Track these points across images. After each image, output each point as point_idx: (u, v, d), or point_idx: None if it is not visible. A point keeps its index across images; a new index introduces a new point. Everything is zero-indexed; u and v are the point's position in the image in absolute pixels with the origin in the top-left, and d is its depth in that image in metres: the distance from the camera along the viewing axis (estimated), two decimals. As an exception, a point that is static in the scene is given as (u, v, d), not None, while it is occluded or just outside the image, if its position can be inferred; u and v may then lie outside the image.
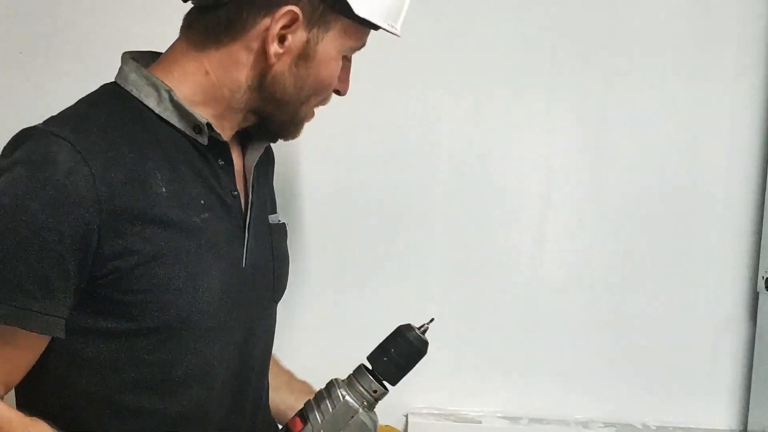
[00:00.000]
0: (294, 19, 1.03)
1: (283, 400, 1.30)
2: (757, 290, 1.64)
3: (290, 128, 1.13)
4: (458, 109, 1.63)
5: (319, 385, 1.14)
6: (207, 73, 1.06)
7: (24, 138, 0.98)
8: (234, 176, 1.10)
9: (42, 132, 0.97)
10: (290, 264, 1.26)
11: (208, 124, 1.05)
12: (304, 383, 1.35)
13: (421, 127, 1.63)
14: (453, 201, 1.65)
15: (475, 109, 1.64)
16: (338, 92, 1.13)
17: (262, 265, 1.15)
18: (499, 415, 1.68)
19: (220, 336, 1.07)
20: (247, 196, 1.13)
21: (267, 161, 1.26)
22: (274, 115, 1.10)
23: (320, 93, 1.10)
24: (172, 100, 1.04)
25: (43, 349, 1.00)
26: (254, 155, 1.15)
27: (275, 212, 1.25)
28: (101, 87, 1.08)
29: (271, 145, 1.25)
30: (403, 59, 1.57)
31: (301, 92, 1.08)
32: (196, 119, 1.04)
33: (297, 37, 1.04)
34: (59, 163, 0.94)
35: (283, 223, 1.24)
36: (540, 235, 1.66)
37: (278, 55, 1.04)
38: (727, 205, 1.67)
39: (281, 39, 1.04)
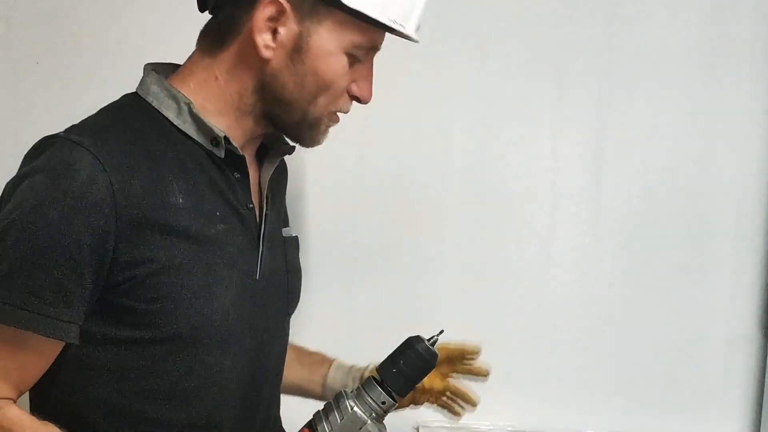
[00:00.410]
0: (280, 10, 1.02)
1: (296, 374, 1.31)
2: (770, 303, 1.64)
3: (306, 132, 1.10)
4: (469, 115, 1.65)
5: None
6: (216, 78, 1.07)
7: (45, 146, 1.00)
8: (249, 189, 1.11)
9: (63, 140, 0.99)
10: (302, 273, 1.26)
11: (225, 138, 1.06)
12: (316, 353, 1.36)
13: (432, 134, 1.64)
14: (463, 208, 1.66)
15: (485, 114, 1.65)
16: (358, 99, 1.10)
17: (276, 278, 1.16)
18: (509, 428, 1.69)
19: (232, 347, 1.08)
20: (262, 208, 1.14)
21: (281, 175, 1.27)
22: (283, 117, 1.08)
23: (326, 92, 1.06)
24: (191, 112, 1.05)
25: (57, 354, 1.01)
26: (270, 168, 1.16)
27: (288, 225, 1.27)
28: (123, 97, 1.09)
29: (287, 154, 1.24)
30: (414, 65, 1.58)
31: (303, 90, 1.05)
32: (214, 132, 1.05)
33: (288, 30, 1.03)
34: (79, 171, 0.95)
35: (296, 237, 1.25)
36: (549, 243, 1.67)
37: (270, 48, 1.03)
38: (740, 219, 1.67)
39: (274, 33, 1.03)
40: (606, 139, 1.66)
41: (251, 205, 1.11)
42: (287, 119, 1.08)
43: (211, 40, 1.07)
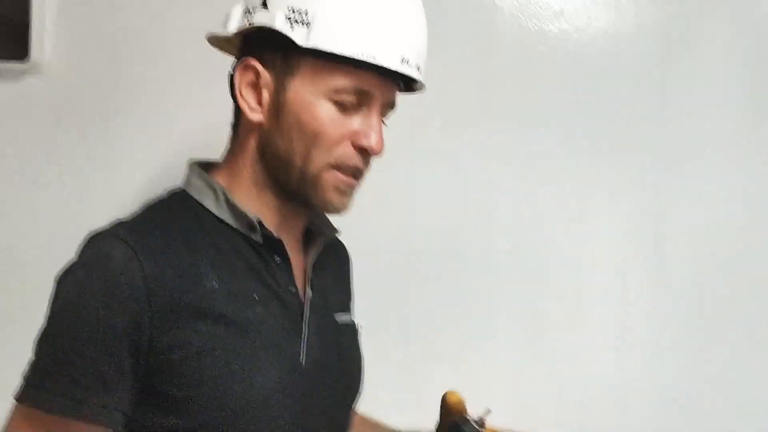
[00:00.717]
0: (256, 73, 1.07)
1: None
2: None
3: (311, 192, 1.07)
4: (517, 196, 1.64)
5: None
6: (237, 161, 1.11)
7: (90, 241, 1.04)
8: (292, 272, 1.11)
9: (105, 234, 1.04)
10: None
11: (259, 222, 1.08)
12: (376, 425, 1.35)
13: (479, 210, 1.64)
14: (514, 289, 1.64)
15: (535, 198, 1.64)
16: (365, 150, 1.07)
17: (327, 364, 1.14)
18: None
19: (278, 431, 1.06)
20: (305, 291, 1.14)
21: (337, 259, 1.28)
22: (288, 181, 1.08)
23: (316, 143, 1.05)
24: (227, 200, 1.09)
25: None
26: (313, 253, 1.16)
27: (347, 311, 1.25)
28: (168, 192, 1.14)
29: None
30: (463, 143, 1.61)
31: (293, 145, 1.06)
32: (248, 217, 1.08)
33: (268, 90, 1.07)
34: (114, 260, 0.99)
35: (352, 323, 1.24)
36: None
37: (255, 111, 1.07)
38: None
39: (259, 96, 1.07)
40: (660, 221, 1.65)
41: (294, 289, 1.11)
42: (290, 182, 1.08)
43: (232, 127, 1.13)
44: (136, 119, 1.59)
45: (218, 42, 1.17)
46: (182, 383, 1.00)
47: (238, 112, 1.11)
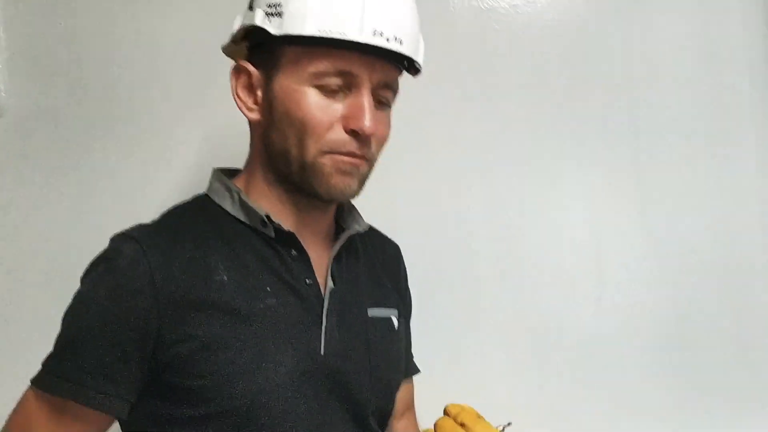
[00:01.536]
0: (248, 75, 1.10)
1: None
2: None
3: (312, 181, 1.07)
4: (492, 165, 1.66)
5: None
6: (250, 159, 1.15)
7: (110, 241, 1.08)
8: (310, 265, 1.12)
9: (121, 233, 1.08)
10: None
11: (267, 216, 1.09)
12: None
13: (456, 211, 1.65)
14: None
15: (511, 169, 1.66)
16: (357, 133, 1.06)
17: (352, 355, 1.13)
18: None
19: (294, 421, 1.06)
20: (326, 284, 1.14)
21: (382, 256, 1.29)
22: (291, 174, 1.09)
23: (306, 131, 1.05)
24: (240, 199, 1.12)
25: (107, 426, 1.07)
26: (336, 247, 1.16)
27: (386, 306, 1.24)
28: (193, 197, 1.17)
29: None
30: (437, 138, 1.62)
31: (287, 136, 1.07)
32: (258, 213, 1.10)
33: (261, 89, 1.10)
34: (123, 256, 1.04)
35: (389, 318, 1.23)
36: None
37: (252, 110, 1.11)
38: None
39: (256, 97, 1.10)
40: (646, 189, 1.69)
41: (310, 281, 1.11)
42: (292, 174, 1.09)
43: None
44: (104, 151, 1.57)
45: (231, 53, 1.18)
46: (193, 375, 1.02)
47: None
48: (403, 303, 1.31)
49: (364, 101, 1.06)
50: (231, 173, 1.18)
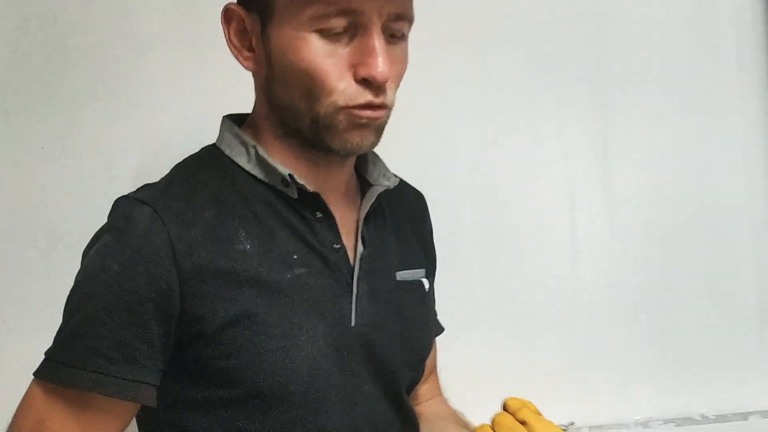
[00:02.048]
0: (240, 18, 0.99)
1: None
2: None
3: (333, 137, 0.96)
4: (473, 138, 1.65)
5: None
6: (255, 110, 1.05)
7: (114, 206, 0.99)
8: (336, 228, 1.03)
9: (128, 199, 0.98)
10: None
11: (291, 176, 0.99)
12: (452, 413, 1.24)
13: (438, 157, 1.63)
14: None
15: (491, 137, 1.65)
16: (367, 80, 0.93)
17: (384, 325, 1.05)
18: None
19: (327, 400, 0.98)
20: (356, 248, 1.05)
21: (407, 210, 1.18)
22: (300, 130, 0.98)
23: (314, 83, 0.93)
24: (258, 155, 1.01)
25: (130, 417, 0.97)
26: (365, 205, 1.06)
27: (414, 267, 1.14)
28: (202, 149, 1.07)
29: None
30: (416, 90, 1.58)
31: (291, 89, 0.95)
32: (278, 171, 0.99)
33: (256, 37, 0.98)
34: (137, 224, 0.93)
35: (419, 281, 1.14)
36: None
37: (249, 59, 1.00)
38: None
39: (249, 42, 0.99)
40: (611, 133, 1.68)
41: (338, 246, 1.02)
42: (303, 130, 0.98)
43: None
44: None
45: None
46: (219, 353, 0.93)
47: None
48: (428, 259, 1.22)
49: (374, 43, 0.92)
50: (238, 120, 1.06)
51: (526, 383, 1.64)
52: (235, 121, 1.06)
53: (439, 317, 1.29)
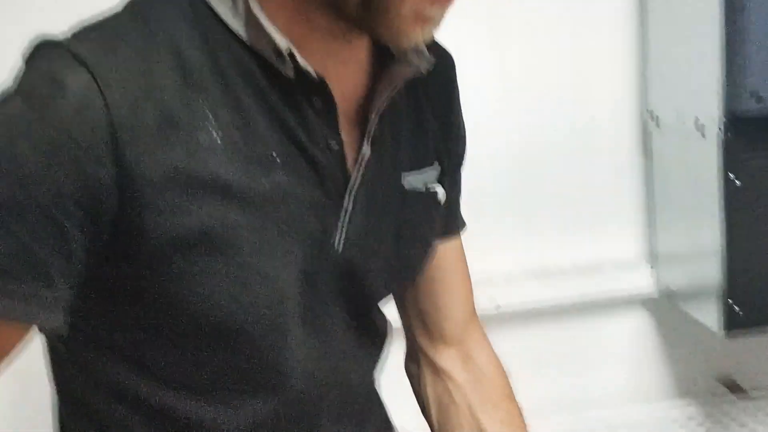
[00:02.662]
0: None
1: None
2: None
3: (387, 24, 0.71)
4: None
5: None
6: None
7: (37, 54, 0.71)
8: (336, 120, 0.77)
9: (59, 50, 0.69)
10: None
11: (291, 54, 0.72)
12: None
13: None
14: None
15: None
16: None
17: (376, 249, 0.84)
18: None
19: (299, 343, 0.81)
20: (359, 149, 0.81)
21: (432, 81, 0.88)
22: (343, 4, 0.71)
23: None
24: (248, 9, 0.73)
25: (21, 342, 0.73)
26: (382, 94, 0.80)
27: (424, 166, 0.89)
28: None
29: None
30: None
31: None
32: (274, 41, 0.72)
33: None
34: (68, 93, 0.67)
35: (432, 192, 0.90)
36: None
37: None
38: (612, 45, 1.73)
39: None
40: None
41: (336, 145, 0.78)
42: (346, 4, 0.71)
43: None
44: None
45: None
46: (163, 276, 0.72)
47: None
48: (451, 152, 0.94)
49: None
50: None
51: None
52: None
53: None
